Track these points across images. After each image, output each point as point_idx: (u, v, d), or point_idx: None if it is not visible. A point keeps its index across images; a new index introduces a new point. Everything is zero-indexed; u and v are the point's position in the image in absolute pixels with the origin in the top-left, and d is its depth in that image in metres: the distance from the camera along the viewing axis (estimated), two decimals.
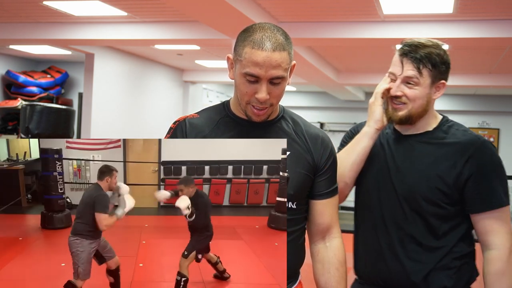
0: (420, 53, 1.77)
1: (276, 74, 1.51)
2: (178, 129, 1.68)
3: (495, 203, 1.79)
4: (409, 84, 1.79)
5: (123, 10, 5.69)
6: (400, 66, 1.79)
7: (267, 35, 1.51)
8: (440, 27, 5.57)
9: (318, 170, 1.68)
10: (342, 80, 9.70)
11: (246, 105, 1.58)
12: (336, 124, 13.02)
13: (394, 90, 1.81)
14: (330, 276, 1.71)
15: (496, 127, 12.18)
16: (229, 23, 5.02)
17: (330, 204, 1.71)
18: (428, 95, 1.80)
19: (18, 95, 8.23)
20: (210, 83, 11.05)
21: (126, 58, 8.55)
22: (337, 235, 1.74)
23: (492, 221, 1.80)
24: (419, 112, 1.81)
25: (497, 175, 1.81)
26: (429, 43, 1.81)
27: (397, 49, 1.83)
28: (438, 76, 1.80)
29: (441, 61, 1.79)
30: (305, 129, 1.69)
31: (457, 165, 1.79)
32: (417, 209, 1.81)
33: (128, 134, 8.51)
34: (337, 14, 5.54)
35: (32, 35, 6.57)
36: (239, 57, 1.53)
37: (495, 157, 1.83)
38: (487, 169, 1.80)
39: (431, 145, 1.84)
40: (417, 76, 1.77)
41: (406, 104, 1.80)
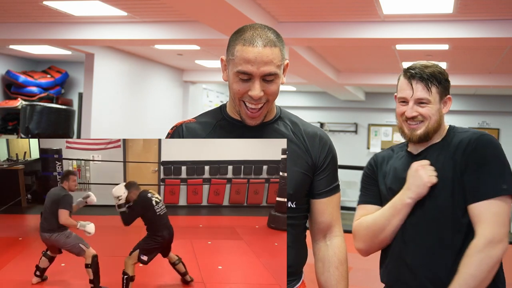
0: (426, 73, 1.88)
1: (269, 71, 1.52)
2: (175, 134, 1.71)
3: (489, 193, 1.79)
4: (421, 104, 1.89)
5: (123, 10, 5.69)
6: (410, 89, 1.89)
7: (258, 32, 1.54)
8: (440, 27, 5.57)
9: (317, 168, 1.69)
10: (342, 80, 9.70)
11: (240, 104, 1.58)
12: (336, 124, 13.02)
13: (409, 112, 1.89)
14: (329, 275, 1.72)
15: (496, 127, 12.17)
16: (229, 23, 5.02)
17: (331, 202, 1.72)
18: (439, 111, 1.91)
19: (18, 95, 8.23)
20: (210, 83, 11.05)
21: (126, 58, 8.55)
22: (338, 234, 1.75)
23: (482, 211, 1.79)
24: (435, 127, 1.90)
25: (493, 164, 1.81)
26: (430, 64, 1.93)
27: (402, 75, 1.93)
28: (444, 92, 1.92)
29: (444, 78, 1.92)
30: (303, 129, 1.70)
31: (456, 158, 1.84)
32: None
33: (128, 134, 8.51)
34: (337, 14, 5.54)
35: (32, 35, 6.57)
36: (231, 57, 1.56)
37: (491, 148, 1.83)
38: (481, 159, 1.81)
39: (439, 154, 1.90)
40: (428, 94, 1.88)
41: (423, 121, 1.89)
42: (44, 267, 2.94)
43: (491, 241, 1.77)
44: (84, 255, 2.76)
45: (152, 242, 2.76)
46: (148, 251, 2.74)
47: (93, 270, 2.74)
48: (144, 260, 2.72)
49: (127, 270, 2.70)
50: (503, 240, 1.78)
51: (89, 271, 2.75)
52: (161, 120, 9.32)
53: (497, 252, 1.77)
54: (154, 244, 2.76)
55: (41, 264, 2.94)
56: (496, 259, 1.78)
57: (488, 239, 1.77)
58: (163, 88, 9.79)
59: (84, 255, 2.76)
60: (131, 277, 2.70)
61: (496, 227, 1.77)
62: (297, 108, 12.77)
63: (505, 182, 1.79)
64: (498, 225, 1.78)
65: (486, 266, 1.76)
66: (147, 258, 2.73)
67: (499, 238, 1.77)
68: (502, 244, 1.77)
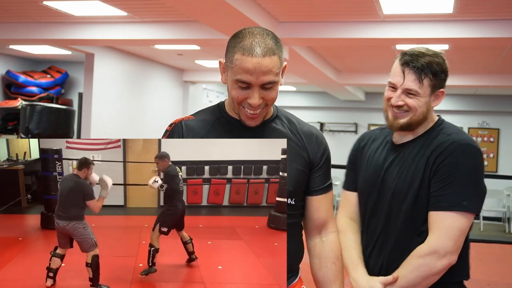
0: (421, 62, 1.78)
1: (267, 80, 1.53)
2: (174, 131, 1.70)
3: (449, 205, 1.74)
4: (410, 94, 1.81)
5: (123, 10, 5.69)
6: (401, 77, 1.81)
7: (257, 40, 1.53)
8: (440, 27, 5.57)
9: (314, 166, 1.71)
10: (342, 80, 9.70)
11: (239, 108, 1.60)
12: (336, 124, 13.01)
13: (395, 100, 1.83)
14: (327, 270, 1.74)
15: (496, 127, 12.18)
16: (229, 23, 5.02)
17: (326, 199, 1.75)
18: (428, 103, 1.83)
19: (18, 95, 8.23)
20: (210, 83, 11.05)
21: (126, 58, 8.55)
22: (333, 230, 1.78)
23: (438, 220, 1.75)
24: (420, 119, 1.84)
25: (462, 178, 1.75)
26: (429, 52, 1.82)
27: (397, 59, 1.84)
28: (438, 85, 1.83)
29: (441, 70, 1.82)
30: (299, 127, 1.72)
31: (430, 161, 1.80)
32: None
33: (128, 134, 8.51)
34: (337, 14, 5.54)
35: (32, 35, 6.57)
36: (230, 64, 1.56)
37: (466, 161, 1.76)
38: (452, 169, 1.75)
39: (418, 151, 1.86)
40: (419, 86, 1.79)
41: (408, 112, 1.82)
42: (57, 267, 2.85)
43: (436, 251, 1.73)
44: (93, 251, 2.74)
45: (168, 214, 3.13)
46: (167, 222, 3.09)
47: (92, 269, 2.74)
48: (164, 231, 3.07)
49: (153, 243, 3.03)
50: (449, 253, 1.73)
51: (89, 270, 2.75)
52: (161, 120, 9.32)
53: (438, 265, 1.73)
54: (171, 216, 3.13)
55: (52, 265, 2.85)
56: (436, 270, 1.73)
57: (433, 249, 1.73)
58: (163, 88, 9.79)
59: (93, 251, 2.74)
60: (157, 249, 3.02)
61: (444, 239, 1.73)
62: (297, 108, 12.77)
63: (467, 198, 1.74)
64: (447, 238, 1.73)
65: (421, 273, 1.73)
66: (167, 229, 3.08)
67: (445, 250, 1.73)
68: (446, 258, 1.73)
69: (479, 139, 12.15)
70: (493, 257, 5.22)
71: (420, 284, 1.75)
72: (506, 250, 5.66)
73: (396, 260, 1.82)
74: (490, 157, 12.08)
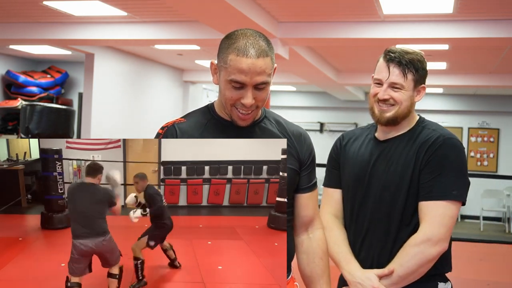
0: (405, 59, 1.92)
1: (261, 80, 1.58)
2: (168, 134, 1.71)
3: (440, 195, 1.85)
4: (395, 88, 1.93)
5: (123, 10, 5.69)
6: (387, 72, 1.94)
7: (251, 42, 1.57)
8: (440, 27, 5.57)
9: (302, 165, 1.77)
10: (342, 80, 9.70)
11: (231, 109, 1.63)
12: (336, 124, 13.01)
13: (381, 94, 1.95)
14: (315, 266, 1.79)
15: (496, 127, 12.17)
16: (229, 23, 5.02)
17: (312, 197, 1.81)
18: (412, 97, 1.96)
19: (18, 95, 8.23)
20: (210, 83, 11.03)
21: (126, 58, 8.55)
22: (319, 226, 1.83)
23: (429, 210, 1.86)
24: (405, 113, 1.95)
25: (450, 169, 1.87)
26: (411, 50, 1.97)
27: (382, 57, 1.98)
28: (419, 81, 1.96)
29: (422, 67, 1.96)
30: (287, 128, 1.77)
31: (419, 156, 1.90)
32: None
33: (128, 134, 8.51)
34: (337, 14, 5.55)
35: (32, 35, 6.57)
36: (224, 64, 1.59)
37: (454, 153, 1.89)
38: (441, 162, 1.87)
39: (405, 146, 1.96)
40: (403, 80, 1.92)
41: (393, 105, 1.94)
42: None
43: (430, 239, 1.84)
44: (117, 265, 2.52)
45: (158, 229, 3.12)
46: (156, 237, 3.09)
47: (119, 280, 2.57)
48: (151, 245, 3.06)
49: (138, 255, 2.98)
50: (442, 240, 1.85)
51: (113, 281, 2.54)
52: (161, 120, 9.24)
53: (432, 251, 1.84)
54: (161, 231, 3.13)
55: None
56: (430, 257, 1.84)
57: (427, 236, 1.84)
58: (163, 88, 9.79)
59: (118, 264, 2.52)
60: (142, 261, 2.99)
61: (437, 227, 1.84)
62: (297, 108, 12.77)
63: (456, 188, 1.86)
64: (440, 226, 1.85)
65: (417, 261, 1.83)
66: (154, 243, 3.07)
67: (438, 238, 1.84)
68: (439, 245, 1.84)
69: (479, 139, 12.13)
70: (493, 257, 5.22)
71: (416, 271, 1.85)
72: (506, 250, 5.66)
73: (389, 250, 1.91)
74: (490, 157, 12.08)
